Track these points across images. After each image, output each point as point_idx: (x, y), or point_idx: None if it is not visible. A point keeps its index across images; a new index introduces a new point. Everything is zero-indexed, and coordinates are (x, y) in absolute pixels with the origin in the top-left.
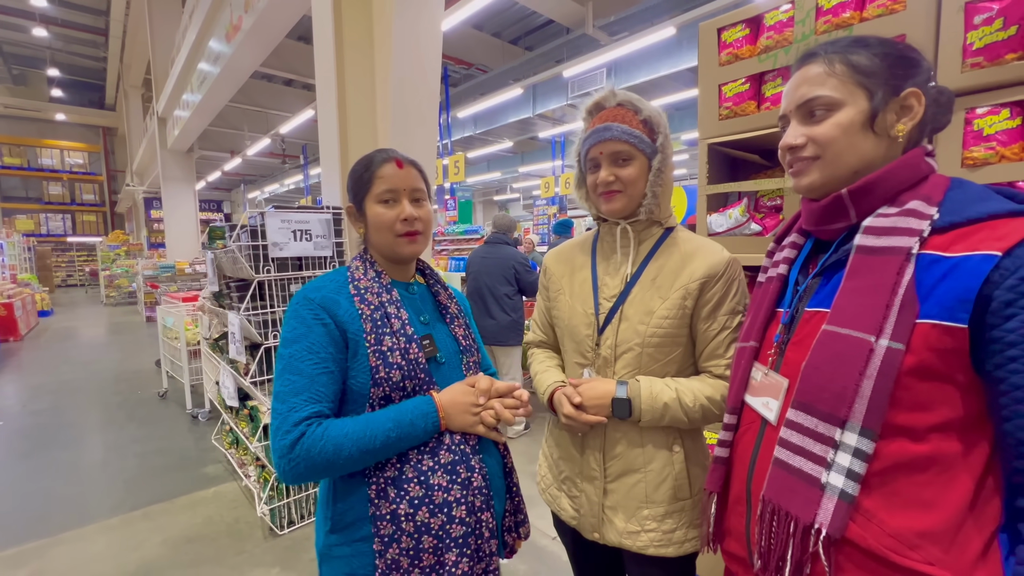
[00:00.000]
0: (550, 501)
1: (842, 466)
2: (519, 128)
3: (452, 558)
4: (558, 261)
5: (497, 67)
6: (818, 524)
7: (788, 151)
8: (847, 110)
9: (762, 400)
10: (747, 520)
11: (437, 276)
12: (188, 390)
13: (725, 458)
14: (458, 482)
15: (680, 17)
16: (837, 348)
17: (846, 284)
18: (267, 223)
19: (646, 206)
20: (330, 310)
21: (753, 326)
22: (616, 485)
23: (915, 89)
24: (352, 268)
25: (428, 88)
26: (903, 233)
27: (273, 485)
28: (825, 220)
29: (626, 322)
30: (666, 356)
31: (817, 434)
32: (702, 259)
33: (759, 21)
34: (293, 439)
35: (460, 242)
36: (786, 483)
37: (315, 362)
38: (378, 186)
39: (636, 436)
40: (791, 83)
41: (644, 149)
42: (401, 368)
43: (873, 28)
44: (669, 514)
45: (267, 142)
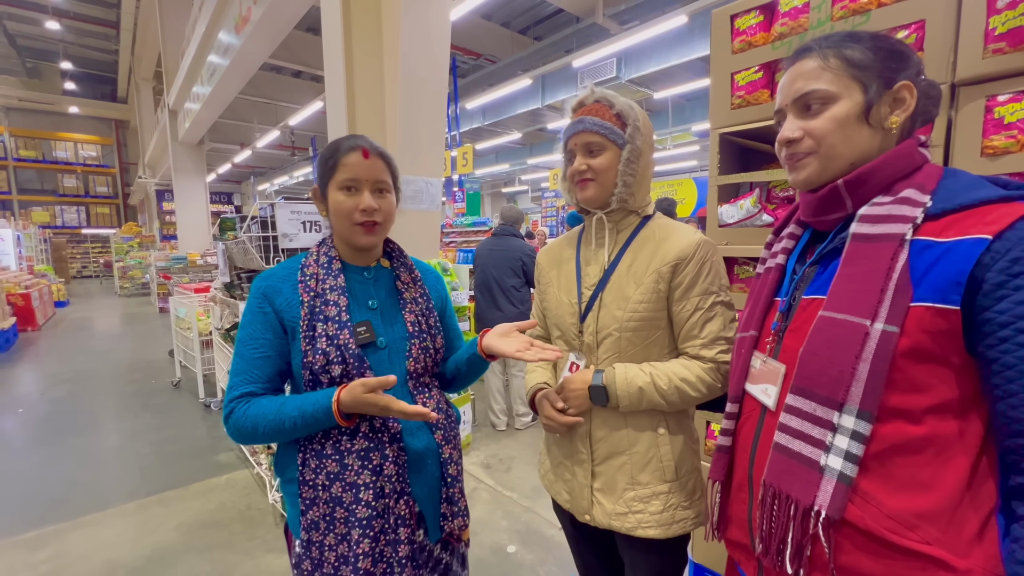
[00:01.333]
0: (548, 486)
1: (840, 448)
2: (528, 119)
3: (355, 536)
4: (547, 256)
5: (506, 57)
6: (817, 506)
7: (785, 145)
8: (842, 103)
9: (761, 387)
10: (749, 506)
11: (405, 260)
12: (201, 379)
13: (728, 446)
14: (368, 468)
15: (692, 5)
16: (834, 332)
17: (842, 271)
18: (277, 214)
19: (617, 195)
20: (270, 299)
21: (752, 315)
22: (603, 468)
23: (907, 82)
24: (308, 254)
25: (437, 79)
26: (897, 220)
27: None
28: (822, 211)
29: (604, 308)
30: (645, 340)
31: (816, 418)
32: (672, 243)
33: (774, 7)
34: (227, 413)
35: (468, 234)
36: (786, 467)
37: (253, 347)
38: (341, 173)
39: (620, 420)
40: (786, 78)
41: (615, 140)
42: (326, 354)
43: (892, 13)
44: (655, 495)
45: (276, 134)
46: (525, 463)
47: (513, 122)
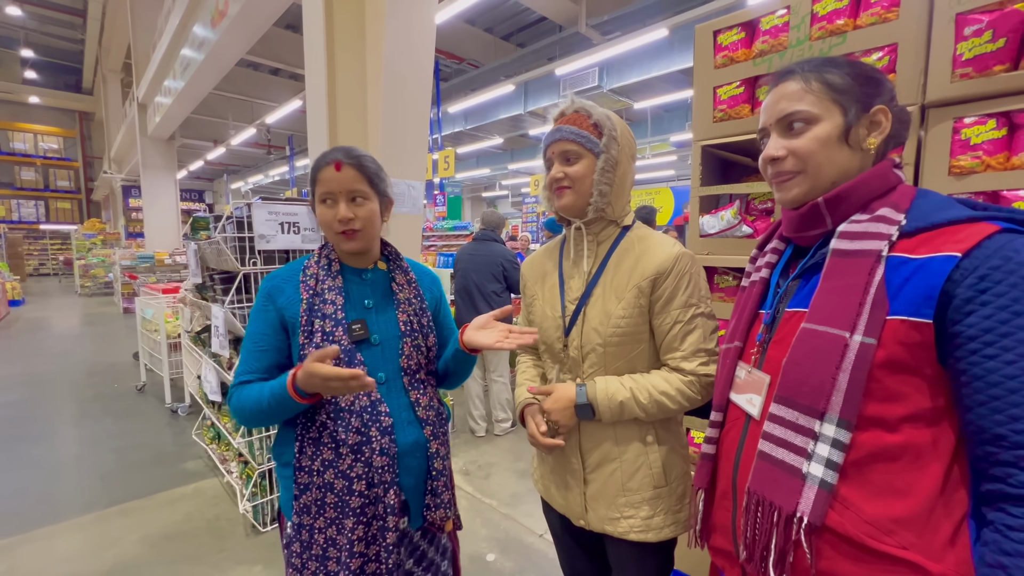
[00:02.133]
0: (542, 491)
1: (821, 456)
2: (509, 125)
3: (349, 524)
4: (532, 268)
5: (489, 63)
6: (800, 512)
7: (770, 163)
8: (824, 124)
9: (746, 397)
10: (733, 514)
11: (401, 263)
12: (168, 384)
13: (712, 455)
14: (361, 460)
15: (673, 19)
16: (815, 344)
17: (823, 285)
18: (254, 215)
19: (594, 203)
20: (273, 298)
21: (738, 327)
22: (595, 475)
23: (883, 106)
24: (312, 258)
25: (421, 81)
26: (874, 237)
27: (256, 482)
28: (803, 227)
29: (588, 323)
30: (628, 353)
31: (798, 426)
32: (651, 256)
33: (755, 25)
34: (230, 395)
35: (449, 238)
36: (769, 474)
37: (255, 341)
38: (319, 187)
39: (608, 431)
40: (770, 98)
41: (592, 148)
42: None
43: (866, 36)
44: (646, 501)
45: (252, 132)
46: (505, 470)
47: (495, 127)
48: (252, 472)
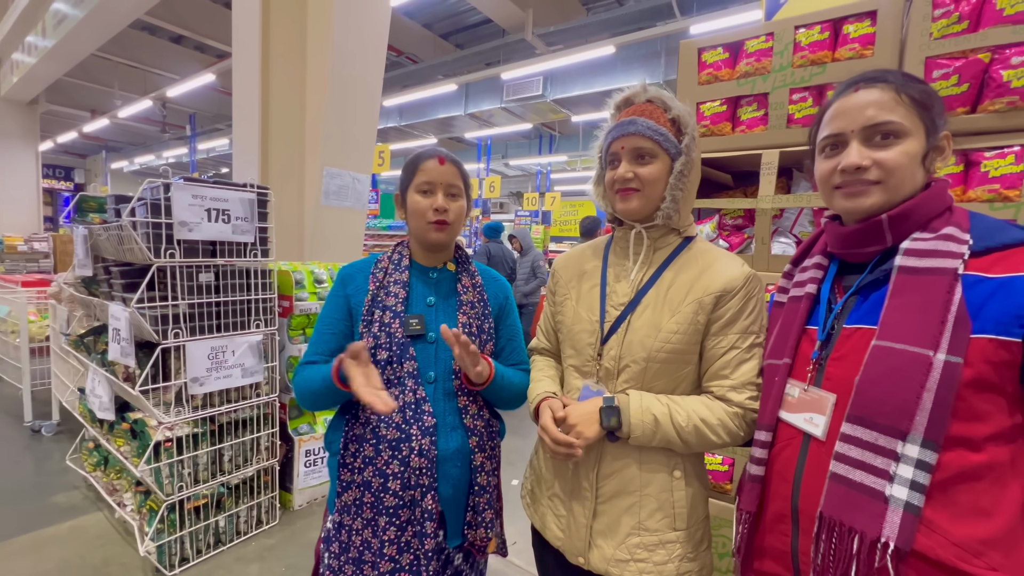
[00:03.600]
0: (535, 518)
1: (905, 478)
2: (444, 125)
3: (382, 523)
4: (567, 266)
5: (428, 59)
6: (884, 538)
7: (850, 171)
8: (913, 140)
9: (803, 416)
10: (793, 539)
11: (469, 267)
12: (28, 398)
13: (760, 476)
14: (398, 458)
15: (620, 38)
16: (893, 362)
17: (892, 302)
18: (174, 198)
19: (664, 210)
20: (345, 284)
21: (786, 343)
22: (607, 507)
23: (947, 132)
24: (386, 253)
25: (373, 63)
26: (945, 256)
27: (163, 516)
28: (859, 244)
29: (633, 333)
30: (673, 373)
31: (878, 447)
32: (718, 271)
33: (739, 46)
34: (294, 374)
35: (383, 238)
36: (847, 498)
37: (326, 324)
38: (419, 177)
39: (634, 456)
40: (849, 102)
41: (668, 148)
42: (376, 338)
43: (843, 68)
44: (662, 544)
45: (146, 105)
46: None
47: (429, 126)
48: (157, 504)
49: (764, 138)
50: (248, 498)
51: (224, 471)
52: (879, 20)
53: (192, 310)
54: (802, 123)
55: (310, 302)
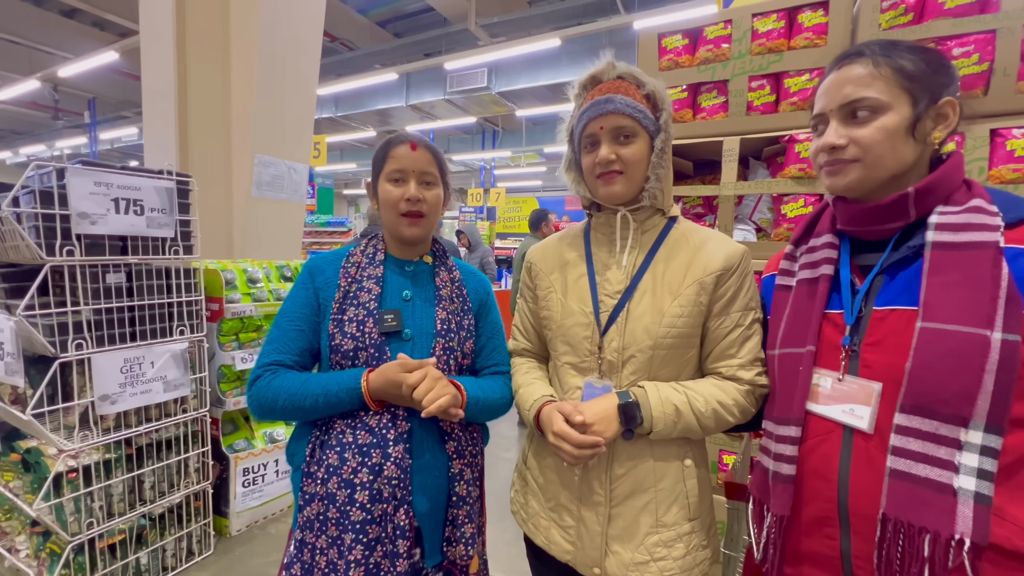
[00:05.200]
0: (534, 533)
1: (971, 467)
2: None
3: (347, 541)
4: (544, 257)
5: (364, 46)
6: (959, 534)
7: (827, 151)
8: (892, 114)
9: (842, 408)
10: (843, 543)
11: (447, 260)
12: None
13: (792, 476)
14: (367, 465)
15: (565, 31)
16: (948, 345)
17: (932, 279)
18: (70, 185)
19: (649, 191)
20: (313, 276)
21: (806, 329)
22: (622, 509)
23: (951, 98)
24: (358, 245)
25: (308, 42)
26: (981, 229)
27: (69, 560)
28: (880, 220)
29: (634, 322)
30: (679, 358)
31: (939, 436)
32: (715, 250)
33: (699, 32)
34: (252, 379)
35: (321, 235)
36: (913, 495)
37: (291, 319)
38: (390, 164)
39: (646, 451)
40: (831, 81)
41: (648, 126)
42: (354, 339)
43: (799, 57)
44: (679, 537)
45: (32, 87)
46: None
47: (367, 117)
48: (61, 546)
49: (725, 125)
50: (176, 528)
51: (145, 500)
52: (831, 10)
53: (99, 317)
54: (761, 110)
55: (243, 304)
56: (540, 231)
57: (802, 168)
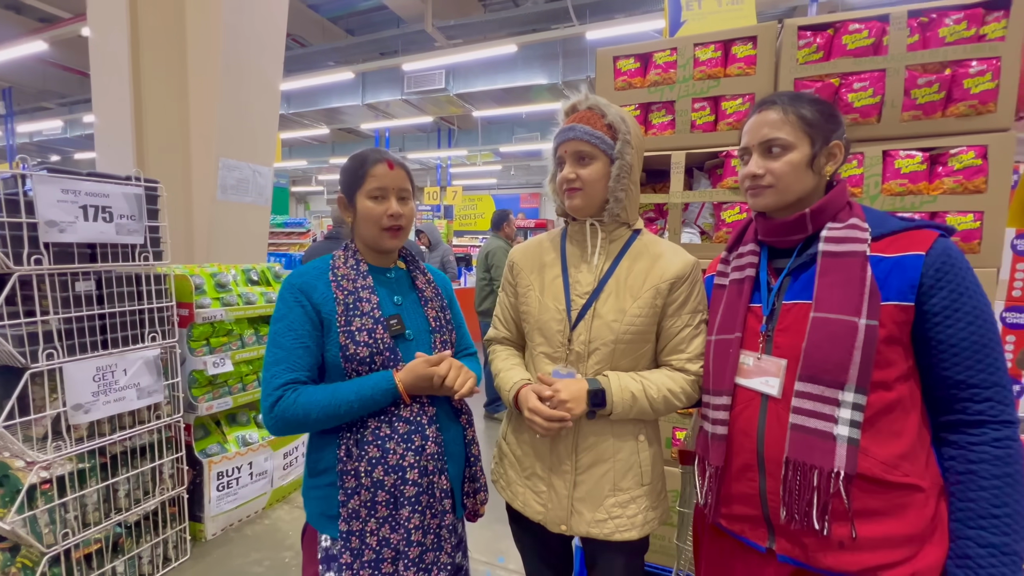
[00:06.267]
0: (511, 498)
1: (845, 419)
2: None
3: (405, 514)
4: (526, 257)
5: (316, 43)
6: (836, 468)
7: (750, 178)
8: (797, 152)
9: (760, 380)
10: (760, 483)
11: (417, 263)
12: None
13: (724, 435)
14: (412, 449)
15: (522, 37)
16: (830, 329)
17: (821, 280)
18: (37, 193)
19: (610, 210)
20: (307, 294)
21: (735, 319)
22: (585, 476)
23: (839, 141)
24: (335, 258)
25: (271, 44)
26: (855, 241)
27: (43, 572)
28: (787, 232)
29: (599, 319)
30: (635, 352)
31: (824, 398)
32: (670, 261)
33: (649, 57)
34: (272, 401)
35: (278, 236)
36: (805, 443)
37: (293, 337)
38: (370, 183)
39: (606, 429)
40: (753, 122)
41: (606, 150)
42: (368, 346)
43: (734, 83)
44: (633, 499)
45: None
46: None
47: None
48: (33, 559)
49: (672, 140)
50: (152, 535)
51: (120, 508)
52: (758, 45)
53: (69, 325)
54: (703, 129)
55: (214, 308)
56: (502, 231)
57: (737, 179)
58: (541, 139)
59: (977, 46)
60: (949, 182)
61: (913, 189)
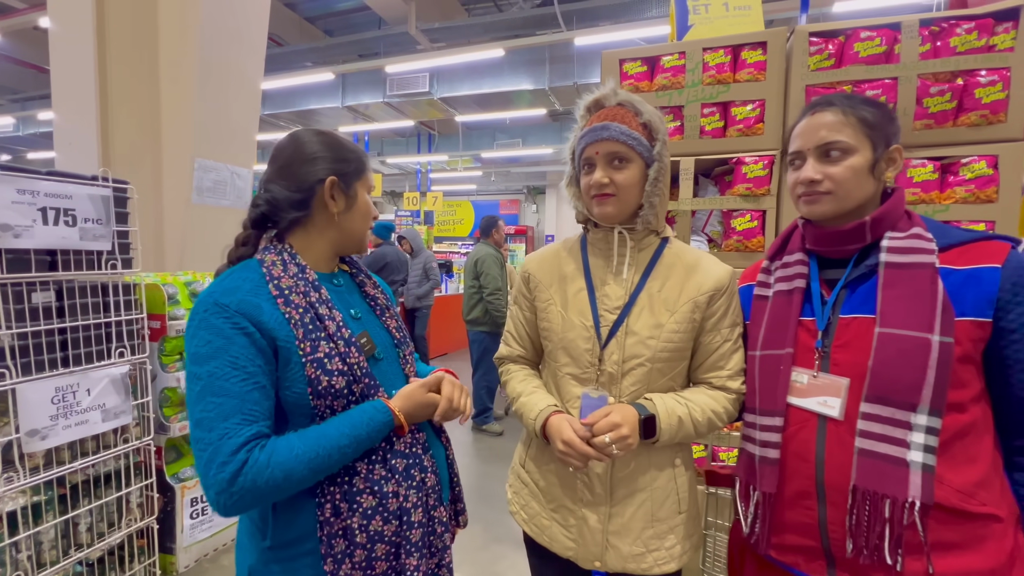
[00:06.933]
0: (536, 533)
1: (919, 444)
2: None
3: (413, 562)
4: (542, 268)
5: (293, 43)
6: (911, 498)
7: (805, 184)
8: (858, 156)
9: (817, 400)
10: (820, 512)
11: (360, 264)
12: None
13: (776, 459)
14: (413, 487)
15: (509, 42)
16: (900, 346)
17: (886, 293)
18: None
19: (643, 216)
20: (252, 316)
21: (785, 333)
22: (620, 508)
23: (898, 145)
24: (267, 264)
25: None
26: (922, 252)
27: None
28: (843, 242)
29: (633, 336)
30: (672, 370)
31: (895, 421)
32: (708, 272)
33: (656, 61)
34: (233, 470)
35: None
36: (876, 469)
37: (242, 378)
38: (368, 178)
39: (644, 455)
40: (806, 125)
41: (642, 153)
42: (345, 374)
43: (743, 89)
44: (671, 530)
45: None
46: None
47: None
48: None
49: (682, 146)
50: (117, 572)
51: (81, 544)
52: (768, 50)
53: (24, 341)
54: (712, 135)
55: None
56: (491, 237)
57: (748, 187)
58: (523, 145)
59: (987, 56)
60: (961, 191)
61: (925, 198)
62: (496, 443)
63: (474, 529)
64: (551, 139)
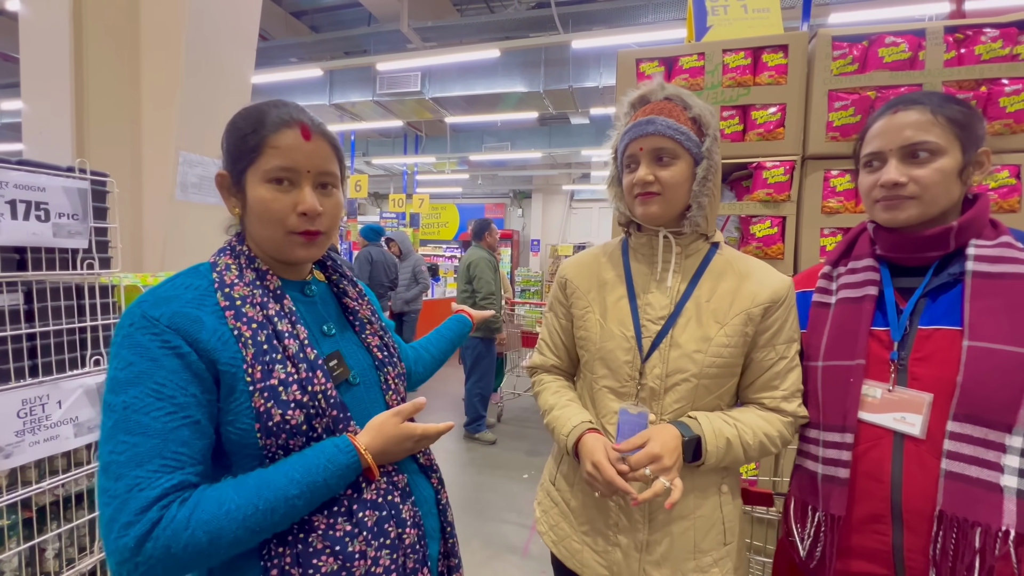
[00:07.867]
0: (566, 556)
1: (1013, 468)
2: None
3: None
4: (580, 274)
5: (278, 37)
6: (1005, 526)
7: (887, 187)
8: (947, 158)
9: (894, 416)
10: (895, 538)
11: (341, 267)
12: None
13: (844, 478)
14: (387, 546)
15: (504, 43)
16: (994, 361)
17: (975, 304)
18: None
19: (691, 218)
20: (187, 333)
21: (855, 343)
22: (660, 536)
23: (987, 148)
24: (220, 268)
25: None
26: (1014, 262)
27: None
28: (923, 249)
29: (677, 349)
30: (720, 388)
31: (988, 442)
32: (763, 281)
33: (675, 61)
34: (139, 534)
35: None
36: (966, 494)
37: (168, 411)
38: (270, 159)
39: (688, 478)
40: (887, 123)
41: (690, 149)
42: (305, 407)
43: (764, 92)
44: (716, 562)
45: None
46: None
47: None
48: None
49: None
50: None
51: (48, 572)
52: (790, 54)
53: None
54: (731, 138)
55: None
56: (484, 240)
57: (769, 192)
58: (512, 148)
59: (1012, 64)
60: None
61: None
62: (489, 452)
63: (472, 545)
64: (540, 143)
